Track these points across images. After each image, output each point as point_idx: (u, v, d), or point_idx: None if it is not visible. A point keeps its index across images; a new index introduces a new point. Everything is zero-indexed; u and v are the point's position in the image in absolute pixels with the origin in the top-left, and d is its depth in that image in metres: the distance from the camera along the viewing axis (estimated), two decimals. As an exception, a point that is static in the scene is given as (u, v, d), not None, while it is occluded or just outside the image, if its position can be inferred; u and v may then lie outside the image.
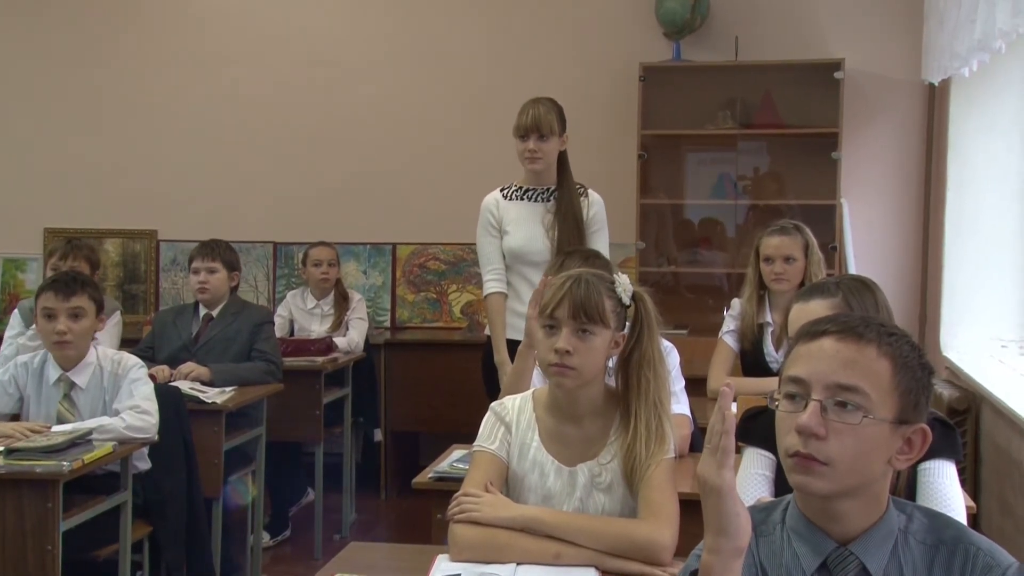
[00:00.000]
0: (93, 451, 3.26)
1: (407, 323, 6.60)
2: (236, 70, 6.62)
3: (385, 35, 6.57)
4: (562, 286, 2.26)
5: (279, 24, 6.62)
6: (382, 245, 6.63)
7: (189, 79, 6.64)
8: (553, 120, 4.12)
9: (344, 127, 6.58)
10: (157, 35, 6.67)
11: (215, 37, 6.63)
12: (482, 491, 2.25)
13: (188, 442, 3.94)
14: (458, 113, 6.50)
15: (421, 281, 6.62)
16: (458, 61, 6.48)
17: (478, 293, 6.52)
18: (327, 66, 6.57)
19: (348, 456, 5.61)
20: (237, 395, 4.34)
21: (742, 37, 5.92)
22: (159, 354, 4.60)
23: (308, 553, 5.10)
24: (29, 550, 3.09)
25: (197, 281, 4.73)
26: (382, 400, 6.06)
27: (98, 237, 6.57)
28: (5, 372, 3.65)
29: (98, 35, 6.69)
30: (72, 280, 3.63)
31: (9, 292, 6.72)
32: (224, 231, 5.42)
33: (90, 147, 6.70)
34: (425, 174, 6.54)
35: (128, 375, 3.64)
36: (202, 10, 6.66)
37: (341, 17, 6.61)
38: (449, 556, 2.22)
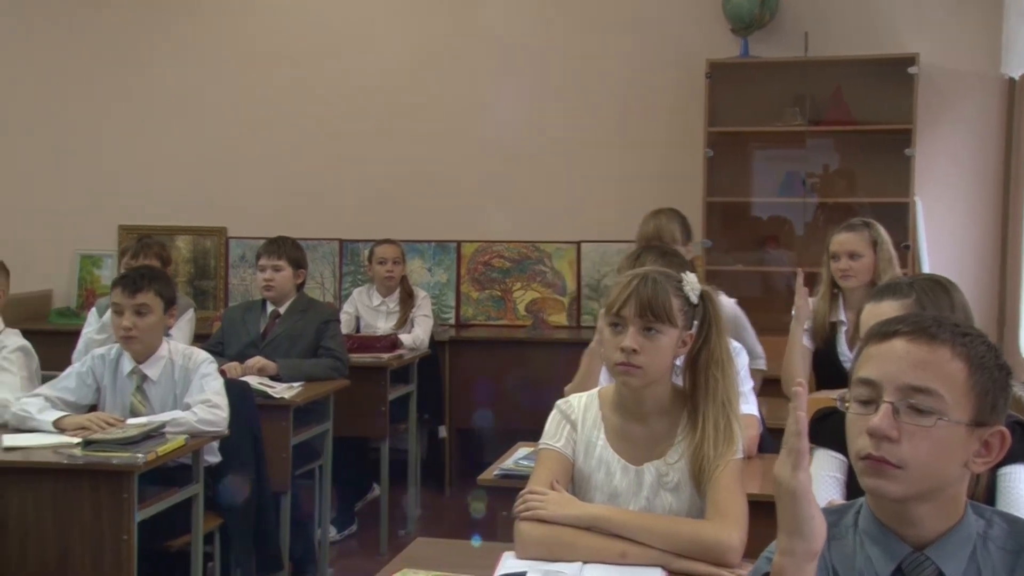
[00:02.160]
0: (166, 444, 3.32)
1: (471, 320, 6.63)
2: (305, 69, 6.68)
3: (450, 32, 6.59)
4: (628, 284, 2.26)
5: (346, 22, 6.67)
6: (447, 243, 6.66)
7: (259, 78, 6.72)
8: (675, 229, 4.06)
9: (410, 124, 6.61)
10: (227, 34, 6.76)
11: (285, 36, 6.70)
12: (548, 489, 2.26)
13: (257, 437, 4.00)
14: (524, 110, 6.51)
15: (485, 279, 6.64)
16: (524, 58, 6.49)
17: (542, 291, 6.55)
18: (397, 63, 6.61)
19: (413, 452, 5.65)
20: (304, 391, 4.39)
21: (812, 32, 5.86)
22: (228, 350, 4.68)
23: (374, 548, 5.15)
24: (106, 539, 3.16)
25: (263, 279, 4.80)
26: (447, 397, 6.09)
27: (169, 234, 6.67)
28: (84, 364, 3.73)
29: (170, 34, 6.80)
30: (139, 277, 3.69)
31: (86, 288, 6.85)
32: (291, 228, 5.47)
33: (162, 146, 6.81)
34: (491, 172, 6.55)
35: (199, 370, 3.70)
36: (270, 9, 6.74)
37: (406, 14, 6.65)
38: (515, 553, 2.23)
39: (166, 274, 4.12)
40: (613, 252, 6.17)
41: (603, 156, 6.40)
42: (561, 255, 6.54)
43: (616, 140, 6.37)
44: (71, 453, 3.23)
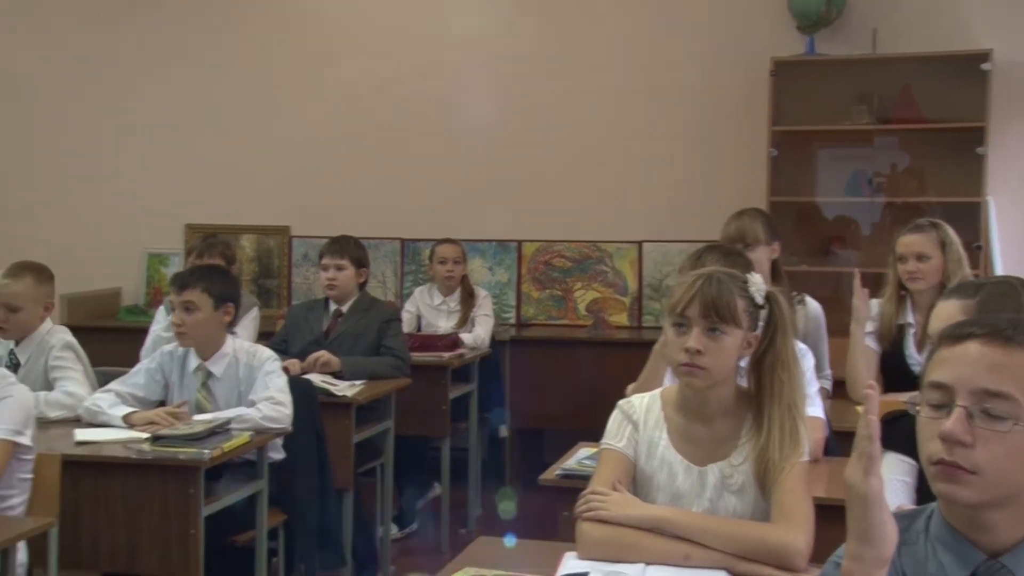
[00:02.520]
0: (231, 440, 3.36)
1: (532, 320, 6.63)
2: (366, 69, 6.72)
3: (513, 32, 6.60)
4: (692, 284, 2.25)
5: (407, 22, 6.71)
6: (507, 242, 6.66)
7: (323, 79, 6.77)
8: (759, 230, 3.94)
9: (471, 125, 6.62)
10: (291, 35, 6.82)
11: (347, 36, 6.75)
12: (610, 489, 2.26)
13: (320, 434, 4.03)
14: (585, 109, 6.50)
15: (546, 278, 6.64)
16: (584, 57, 6.48)
17: (604, 291, 6.53)
18: (454, 64, 6.64)
19: (474, 451, 5.68)
20: (366, 389, 4.43)
21: (881, 29, 5.78)
22: (291, 348, 4.72)
23: (435, 546, 5.18)
24: (173, 533, 3.21)
25: (326, 278, 4.84)
26: (507, 396, 6.10)
27: (234, 233, 6.74)
28: (152, 361, 3.81)
29: (238, 36, 6.88)
30: (188, 274, 3.77)
31: (153, 286, 6.95)
32: (353, 228, 5.50)
33: (228, 146, 6.89)
34: (552, 171, 6.55)
35: (263, 367, 3.74)
36: (336, 9, 6.79)
37: (467, 14, 6.67)
38: (577, 554, 2.23)
39: (225, 272, 4.17)
40: (675, 252, 6.13)
41: (665, 155, 6.37)
42: (622, 255, 6.52)
43: (679, 139, 6.34)
44: (140, 448, 3.28)
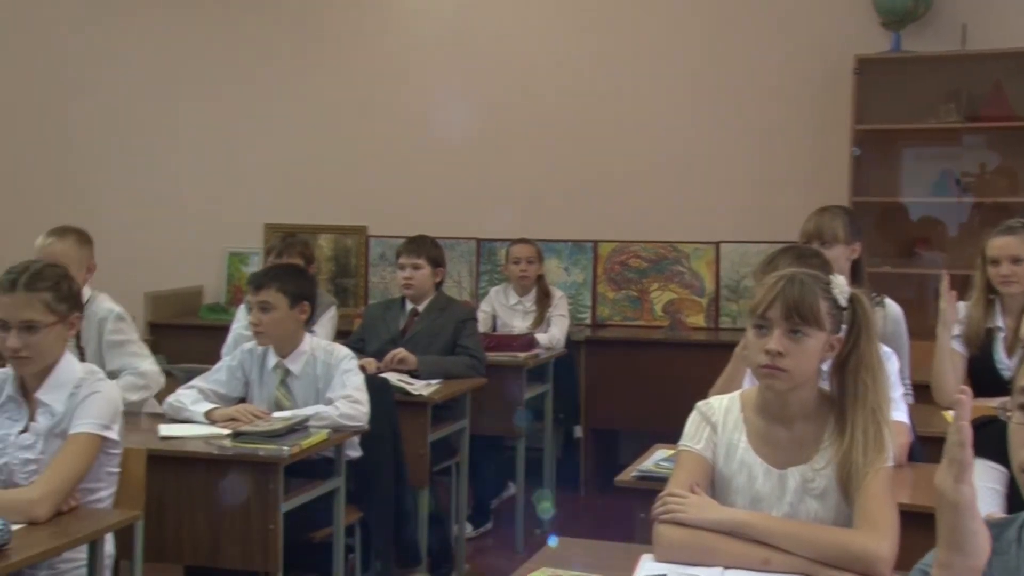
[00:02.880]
0: (310, 437, 3.39)
1: (608, 321, 6.60)
2: (442, 73, 6.76)
3: (589, 31, 6.58)
4: (774, 286, 2.22)
5: (482, 26, 6.73)
6: (583, 243, 6.65)
7: (399, 82, 6.81)
8: (838, 228, 3.78)
9: (545, 126, 6.63)
10: (370, 41, 6.86)
11: (423, 42, 6.79)
12: (687, 492, 2.24)
13: (396, 432, 4.06)
14: (663, 108, 6.46)
15: (622, 279, 6.61)
16: (662, 55, 6.44)
17: (680, 292, 6.49)
18: (530, 65, 6.64)
19: (548, 451, 5.67)
20: (442, 388, 4.44)
21: (970, 24, 5.66)
22: (368, 347, 4.76)
23: (509, 545, 5.18)
24: (253, 528, 3.26)
25: (403, 277, 4.86)
26: (582, 397, 6.09)
27: (313, 233, 6.81)
28: (234, 359, 3.87)
29: (315, 39, 6.96)
30: (263, 275, 3.81)
31: (234, 284, 7.04)
32: (430, 228, 5.52)
33: (307, 147, 6.97)
34: (628, 171, 6.52)
35: (340, 365, 3.77)
36: (413, 16, 6.84)
37: (542, 17, 6.67)
38: (654, 556, 2.21)
39: (301, 271, 4.20)
40: (753, 253, 6.06)
41: (744, 154, 6.30)
42: (699, 255, 6.47)
43: (758, 138, 6.27)
44: (221, 444, 3.34)
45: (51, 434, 2.77)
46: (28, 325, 2.74)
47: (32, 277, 2.80)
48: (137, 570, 2.88)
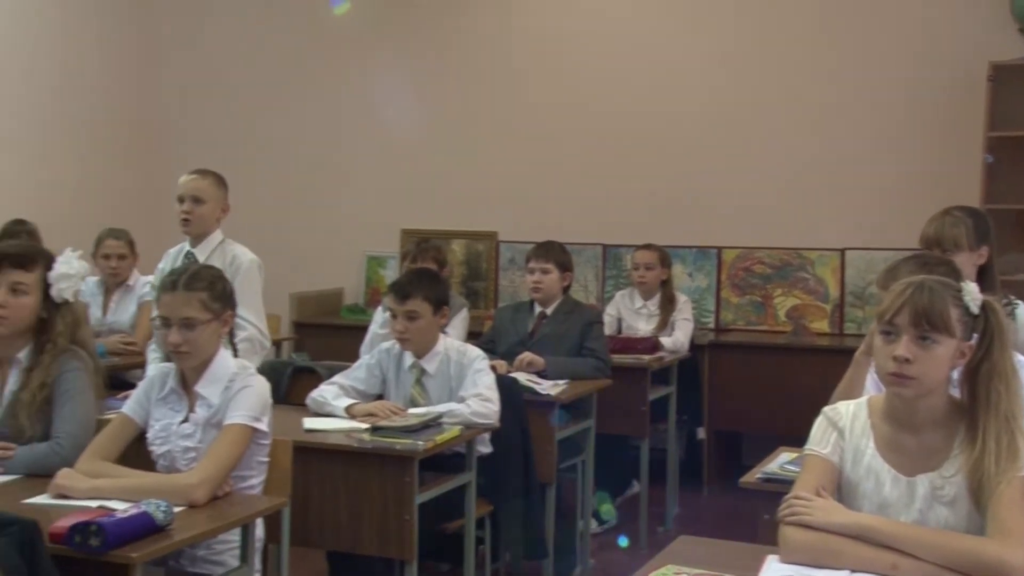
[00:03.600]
0: (443, 433, 3.44)
1: (731, 325, 6.53)
2: (571, 82, 6.78)
3: (713, 38, 6.52)
4: (903, 292, 2.16)
5: (612, 36, 6.72)
6: (708, 248, 6.59)
7: (529, 93, 6.86)
8: (960, 235, 3.43)
9: (671, 132, 6.59)
10: (501, 52, 6.94)
11: (555, 52, 6.82)
12: (813, 495, 2.20)
13: (525, 430, 4.07)
14: (789, 115, 6.37)
15: (746, 284, 6.53)
16: (787, 62, 6.35)
17: (804, 297, 6.37)
18: (656, 74, 6.61)
19: (672, 452, 5.63)
20: (569, 389, 4.44)
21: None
22: (498, 347, 4.80)
23: (633, 542, 5.15)
24: (390, 517, 3.31)
25: (532, 281, 4.88)
26: (705, 399, 6.03)
27: (446, 238, 6.89)
28: (372, 357, 3.95)
29: (451, 54, 7.05)
30: (407, 284, 3.84)
31: (372, 287, 7.19)
32: (558, 233, 5.55)
33: (441, 156, 7.06)
34: (753, 178, 6.44)
35: (472, 365, 3.82)
36: (545, 27, 6.87)
37: (667, 21, 6.64)
38: (780, 557, 2.18)
39: (437, 276, 4.24)
40: (879, 260, 5.86)
41: (871, 160, 6.16)
42: (824, 262, 6.35)
43: (885, 144, 6.12)
44: (361, 438, 3.40)
45: (208, 424, 2.86)
46: (187, 322, 2.85)
47: (191, 278, 2.90)
48: (284, 553, 2.95)
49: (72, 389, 2.93)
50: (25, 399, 2.90)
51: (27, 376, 2.94)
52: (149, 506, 2.41)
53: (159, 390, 2.95)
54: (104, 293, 5.37)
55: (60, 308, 2.99)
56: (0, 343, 2.97)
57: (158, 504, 2.42)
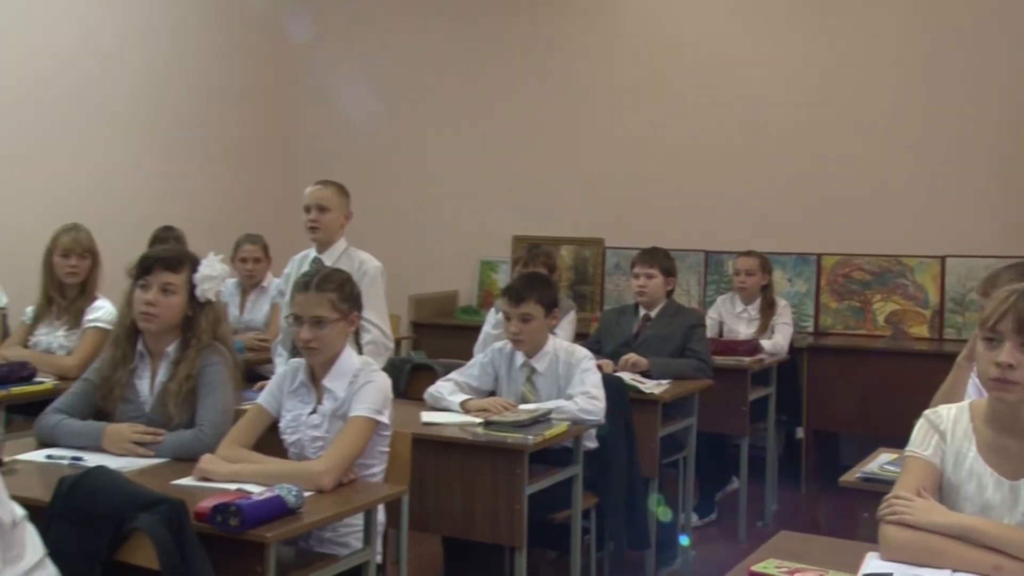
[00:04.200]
0: (552, 428, 3.45)
1: (830, 329, 6.39)
2: (673, 93, 6.72)
3: (810, 48, 6.41)
4: (1006, 299, 2.09)
5: (711, 46, 6.64)
6: (807, 255, 6.46)
7: (634, 104, 6.82)
8: None
9: (772, 142, 6.49)
10: (607, 66, 6.90)
11: (658, 66, 6.77)
12: (914, 495, 2.14)
13: (629, 427, 4.05)
14: (887, 123, 6.21)
15: (845, 290, 6.39)
16: (885, 70, 6.19)
17: (903, 303, 6.21)
18: (755, 84, 6.51)
19: (771, 450, 5.55)
20: (672, 388, 4.41)
21: None
22: (604, 348, 4.78)
23: (732, 536, 5.10)
24: (501, 507, 3.34)
25: (637, 285, 4.86)
26: (804, 400, 5.91)
27: (555, 244, 6.88)
28: (486, 356, 3.97)
29: (559, 68, 7.05)
30: (522, 288, 3.84)
31: (485, 289, 7.23)
32: (662, 239, 5.51)
33: (550, 166, 7.07)
34: (852, 186, 6.30)
35: (580, 365, 3.80)
36: (641, 37, 6.82)
37: (765, 34, 6.53)
38: (880, 555, 2.13)
39: (548, 280, 4.22)
40: (980, 268, 5.66)
41: (971, 168, 5.97)
42: (924, 269, 6.17)
43: (985, 151, 5.93)
44: (475, 431, 3.43)
45: (334, 416, 2.91)
46: (317, 320, 2.90)
47: (322, 280, 2.96)
48: (403, 537, 2.99)
49: (213, 381, 3.00)
50: (172, 389, 3.00)
51: (174, 369, 3.03)
52: (282, 490, 2.46)
53: (290, 383, 3.01)
54: (241, 294, 5.52)
55: (204, 307, 3.07)
56: (151, 338, 3.07)
57: (290, 489, 2.47)
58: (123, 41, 6.41)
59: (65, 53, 6.09)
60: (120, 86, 6.39)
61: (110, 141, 6.33)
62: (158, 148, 6.65)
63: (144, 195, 6.42)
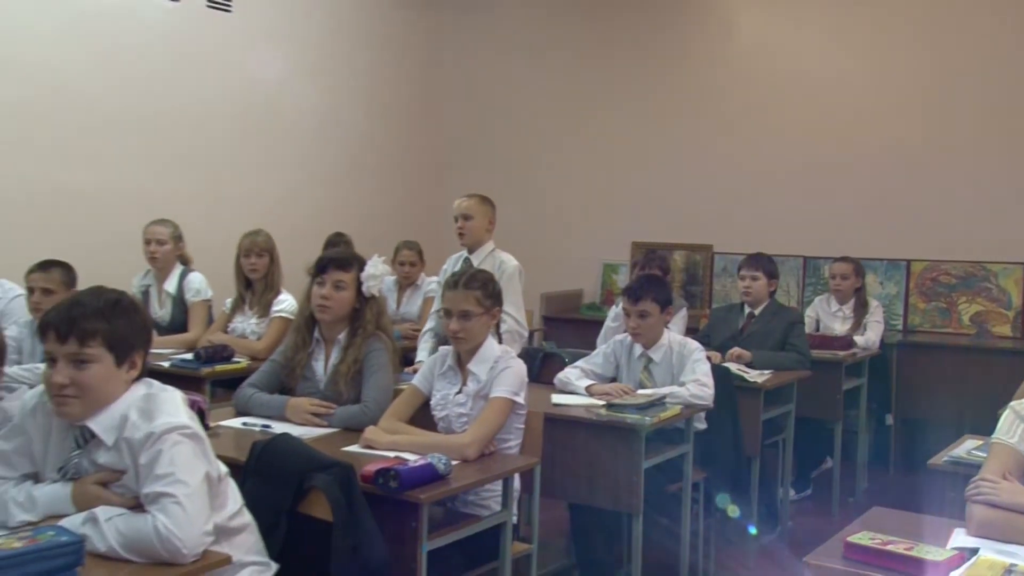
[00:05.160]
0: (666, 411, 3.40)
1: (918, 327, 6.10)
2: (774, 116, 6.52)
3: (906, 76, 6.11)
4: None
5: (814, 69, 6.41)
6: (898, 261, 6.19)
7: (739, 125, 6.65)
8: None
9: (865, 157, 6.23)
10: (713, 88, 6.74)
11: (760, 87, 6.58)
12: (999, 478, 2.02)
13: (734, 411, 3.97)
14: (969, 145, 5.89)
15: (932, 292, 6.09)
16: (977, 85, 5.86)
17: (987, 305, 5.89)
18: (851, 106, 6.26)
19: (862, 434, 5.34)
20: (773, 378, 4.30)
21: None
22: (713, 341, 4.68)
23: (826, 510, 4.92)
24: (620, 478, 3.30)
25: (743, 286, 4.76)
26: (893, 390, 5.67)
27: (669, 249, 6.78)
28: (608, 347, 3.92)
29: (677, 86, 6.90)
30: (640, 288, 3.79)
31: (606, 289, 7.17)
32: (764, 246, 5.38)
33: (665, 179, 6.93)
34: (939, 196, 6.00)
35: (691, 356, 3.74)
36: (750, 67, 6.64)
37: (862, 58, 6.26)
38: (966, 531, 2.02)
39: (663, 281, 4.17)
40: (1063, 272, 5.35)
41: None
42: (1007, 274, 5.83)
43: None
44: (598, 412, 3.39)
45: (477, 396, 2.92)
46: (464, 314, 2.93)
47: (469, 279, 2.98)
48: (535, 502, 2.98)
49: (376, 364, 3.06)
50: (342, 371, 3.07)
51: (344, 353, 3.09)
52: (433, 459, 2.48)
53: (440, 367, 3.04)
54: (398, 290, 5.62)
55: (369, 301, 3.14)
56: (325, 327, 3.15)
57: (440, 458, 2.50)
58: (305, 75, 6.60)
59: (272, 87, 6.32)
60: (302, 114, 6.58)
61: (292, 161, 6.54)
62: (331, 167, 6.82)
63: (320, 206, 6.60)
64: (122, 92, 5.49)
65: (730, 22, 6.73)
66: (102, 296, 2.04)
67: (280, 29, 6.40)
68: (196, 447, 1.96)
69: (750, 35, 6.66)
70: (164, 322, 4.72)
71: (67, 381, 1.96)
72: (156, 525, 1.84)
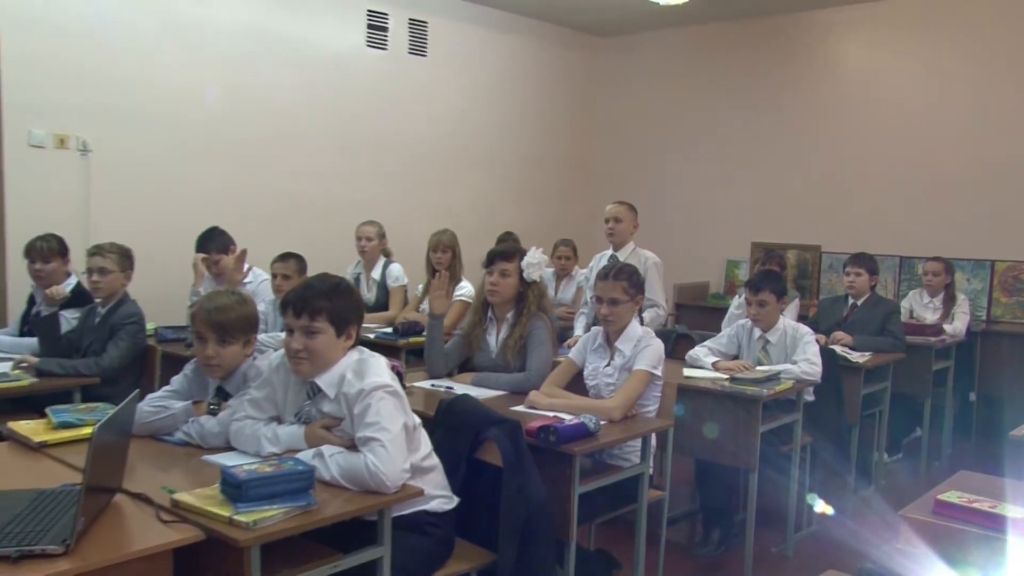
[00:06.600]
0: (780, 384, 3.14)
1: (1000, 319, 5.47)
2: (877, 135, 5.95)
3: (996, 99, 5.43)
4: None
5: (911, 96, 5.79)
6: (983, 261, 5.53)
7: (848, 139, 6.11)
8: None
9: (954, 170, 5.59)
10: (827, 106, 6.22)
11: (866, 104, 6.00)
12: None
13: (838, 386, 3.66)
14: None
15: (1014, 288, 5.44)
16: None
17: (1070, 300, 5.17)
18: (946, 120, 5.62)
19: (948, 408, 4.83)
20: (872, 359, 3.94)
21: None
22: (820, 327, 4.34)
23: (914, 472, 4.48)
24: (740, 440, 3.05)
25: (848, 281, 4.43)
26: (977, 372, 5.10)
27: (783, 248, 6.34)
28: (732, 330, 3.63)
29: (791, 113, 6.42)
30: (759, 281, 3.54)
31: (729, 281, 6.77)
32: (866, 246, 4.92)
33: (781, 185, 6.47)
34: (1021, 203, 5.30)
35: (803, 339, 3.45)
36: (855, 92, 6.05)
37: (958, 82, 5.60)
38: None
39: (779, 276, 3.88)
40: None
41: None
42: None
43: None
44: (723, 384, 3.16)
45: (622, 368, 2.78)
46: (613, 301, 2.78)
47: (617, 272, 2.84)
48: (668, 457, 2.83)
49: (538, 339, 2.96)
50: (510, 344, 2.98)
51: (511, 329, 3.01)
52: (585, 419, 2.37)
53: (592, 344, 2.91)
54: (556, 280, 5.49)
55: (531, 286, 3.03)
56: (497, 308, 3.07)
57: (590, 418, 2.38)
58: (484, 106, 6.54)
59: (456, 116, 6.32)
60: (480, 138, 6.55)
61: (472, 176, 6.53)
62: (503, 180, 6.77)
63: (493, 211, 6.56)
64: (343, 124, 5.63)
65: (839, 53, 6.19)
66: (327, 281, 2.05)
67: (464, 69, 6.38)
68: (397, 402, 1.95)
69: (856, 75, 6.10)
70: (370, 303, 4.78)
71: (301, 347, 1.99)
72: (366, 462, 1.83)
